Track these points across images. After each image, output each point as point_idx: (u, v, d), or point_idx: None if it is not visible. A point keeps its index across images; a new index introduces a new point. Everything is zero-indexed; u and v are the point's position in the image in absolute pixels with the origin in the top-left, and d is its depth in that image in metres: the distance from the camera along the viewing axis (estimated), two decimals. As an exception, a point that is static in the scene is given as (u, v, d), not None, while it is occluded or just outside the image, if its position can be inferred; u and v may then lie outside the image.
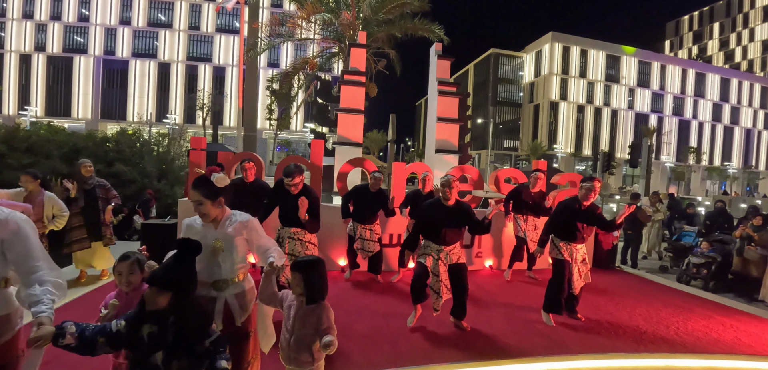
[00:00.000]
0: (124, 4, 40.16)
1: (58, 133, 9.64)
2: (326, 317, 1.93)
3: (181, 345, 1.51)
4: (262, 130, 37.53)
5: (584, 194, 3.94)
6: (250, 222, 2.19)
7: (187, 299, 1.55)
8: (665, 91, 54.61)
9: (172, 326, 1.51)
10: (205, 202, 2.02)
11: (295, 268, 1.96)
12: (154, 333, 1.50)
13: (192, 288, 1.60)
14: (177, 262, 1.60)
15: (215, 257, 2.07)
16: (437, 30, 13.02)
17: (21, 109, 37.22)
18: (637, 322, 4.20)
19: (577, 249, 4.04)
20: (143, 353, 1.50)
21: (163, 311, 1.51)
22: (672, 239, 7.98)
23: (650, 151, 21.32)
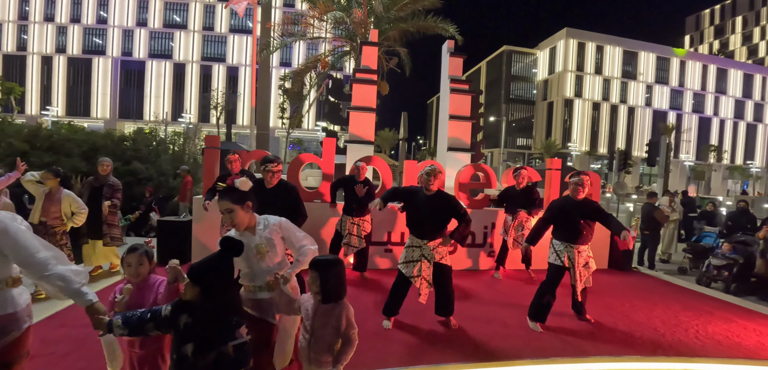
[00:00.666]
0: (141, 5, 41.03)
1: (78, 133, 9.91)
2: (346, 316, 1.93)
3: (208, 341, 1.55)
4: (274, 129, 37.96)
5: (573, 189, 3.74)
6: (282, 222, 2.26)
7: (216, 297, 1.59)
8: (685, 87, 53.10)
9: (201, 321, 1.56)
10: (235, 208, 2.08)
11: (313, 266, 1.97)
12: (189, 324, 1.57)
13: (221, 287, 1.61)
14: (213, 259, 1.64)
15: (261, 262, 2.14)
16: (450, 28, 12.93)
17: (43, 109, 38.43)
18: (654, 324, 4.10)
19: (580, 252, 3.77)
20: (178, 341, 1.58)
21: (197, 305, 1.57)
22: (691, 240, 7.76)
23: (669, 150, 20.78)
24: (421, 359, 3.14)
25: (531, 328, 3.82)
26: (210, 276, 1.59)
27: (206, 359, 1.54)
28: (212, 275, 1.59)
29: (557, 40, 51.08)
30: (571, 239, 3.78)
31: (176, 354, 1.58)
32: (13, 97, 25.94)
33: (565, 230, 3.80)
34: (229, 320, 1.61)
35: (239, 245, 1.68)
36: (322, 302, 1.94)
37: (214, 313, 1.58)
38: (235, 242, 1.67)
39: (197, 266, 1.60)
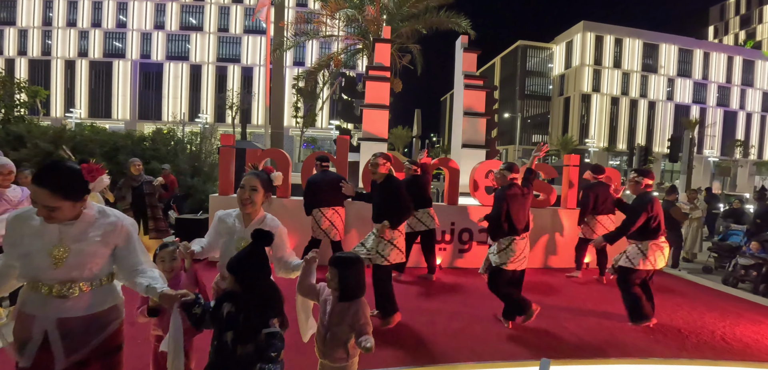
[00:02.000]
0: (158, 8, 41.96)
1: (100, 133, 10.21)
2: (363, 314, 1.93)
3: (247, 330, 1.60)
4: (288, 128, 38.29)
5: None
6: (279, 228, 2.22)
7: (255, 286, 1.65)
8: (709, 80, 51.22)
9: (243, 309, 1.62)
10: (260, 190, 2.15)
11: (333, 263, 1.98)
12: (231, 313, 1.63)
13: (257, 276, 1.66)
14: (247, 250, 1.70)
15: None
16: (463, 23, 12.79)
17: (67, 111, 39.78)
18: (678, 326, 3.96)
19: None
20: (219, 329, 1.64)
21: (239, 294, 1.64)
22: (717, 239, 7.48)
23: (692, 145, 20.09)
24: (447, 358, 3.11)
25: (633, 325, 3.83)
26: (244, 266, 1.65)
27: (245, 347, 1.59)
28: (246, 266, 1.65)
29: (574, 34, 49.95)
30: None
31: (217, 341, 1.64)
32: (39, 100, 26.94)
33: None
34: (266, 309, 1.65)
35: (269, 235, 1.71)
36: (340, 300, 1.95)
37: (254, 302, 1.63)
38: (265, 233, 1.70)
39: (234, 259, 1.69)
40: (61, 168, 1.49)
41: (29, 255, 1.50)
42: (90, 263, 1.56)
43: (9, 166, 3.35)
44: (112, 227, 1.62)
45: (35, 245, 1.50)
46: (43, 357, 1.51)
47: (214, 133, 12.31)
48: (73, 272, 1.52)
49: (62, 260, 1.50)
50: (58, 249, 1.50)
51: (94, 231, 1.57)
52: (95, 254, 1.57)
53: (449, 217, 5.77)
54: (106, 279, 1.66)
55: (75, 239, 1.53)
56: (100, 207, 1.66)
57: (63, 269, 1.50)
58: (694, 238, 8.05)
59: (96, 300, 1.60)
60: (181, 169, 9.78)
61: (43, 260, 1.49)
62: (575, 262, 5.59)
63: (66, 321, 1.53)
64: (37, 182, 1.43)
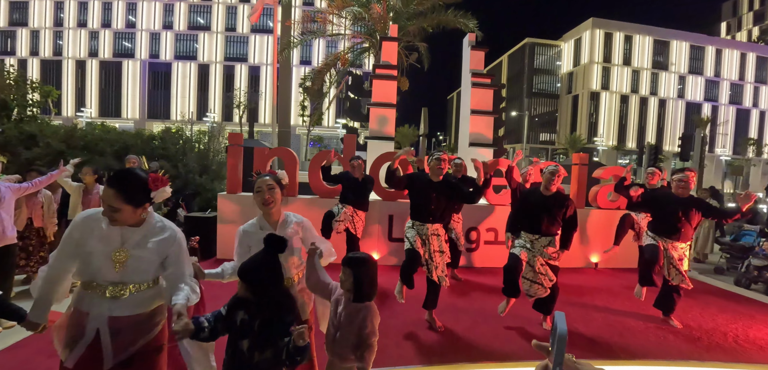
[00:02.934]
0: (167, 9, 42.36)
1: (111, 132, 10.36)
2: (370, 322, 1.91)
3: (264, 337, 1.59)
4: (295, 127, 38.46)
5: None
6: (304, 222, 2.26)
7: (267, 293, 1.63)
8: (721, 77, 50.31)
9: (257, 317, 1.61)
10: (277, 188, 2.14)
11: (347, 263, 1.97)
12: (245, 320, 1.62)
13: (269, 283, 1.65)
14: (259, 256, 1.69)
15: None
16: (470, 21, 12.71)
17: (78, 110, 40.38)
18: (689, 327, 3.90)
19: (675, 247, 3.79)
20: (234, 337, 1.63)
21: (252, 302, 1.63)
22: (730, 239, 7.35)
23: (703, 144, 19.74)
24: (456, 357, 3.10)
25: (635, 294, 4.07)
26: (257, 273, 1.64)
27: (263, 354, 1.58)
28: (259, 272, 1.64)
29: (583, 31, 49.39)
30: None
31: (231, 348, 1.63)
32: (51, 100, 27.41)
33: (663, 223, 3.82)
34: (283, 316, 1.64)
35: (283, 242, 1.70)
36: (353, 301, 1.94)
37: (269, 309, 1.62)
38: (279, 239, 1.69)
39: (245, 265, 1.67)
40: (130, 175, 1.62)
41: (92, 255, 1.59)
42: (145, 269, 1.65)
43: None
44: (168, 238, 1.71)
45: (99, 247, 1.59)
46: (89, 356, 1.57)
47: (222, 132, 12.40)
48: (130, 275, 1.62)
49: (122, 263, 1.60)
50: (120, 253, 1.60)
51: (153, 239, 1.67)
52: (150, 261, 1.66)
53: (456, 216, 5.75)
54: (155, 281, 1.74)
55: (136, 245, 1.63)
56: (159, 217, 1.75)
57: (121, 272, 1.60)
58: (705, 238, 7.93)
59: (144, 300, 1.68)
60: (189, 167, 9.87)
61: (104, 262, 1.58)
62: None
63: (117, 320, 1.60)
64: (109, 183, 1.56)
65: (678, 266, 3.77)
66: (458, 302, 4.31)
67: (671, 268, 3.79)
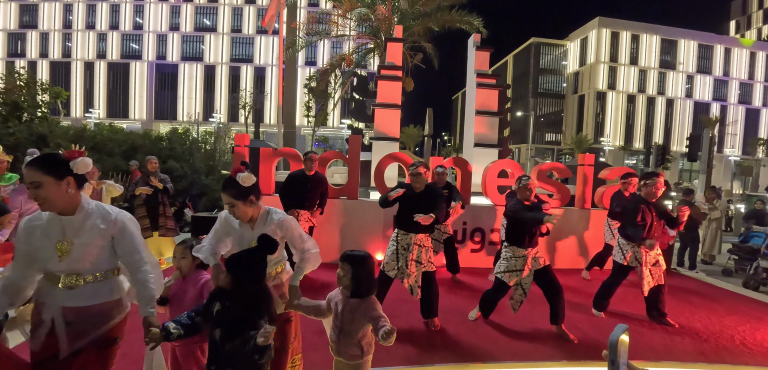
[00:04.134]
0: (174, 11, 42.74)
1: (118, 133, 10.49)
2: (375, 308, 1.95)
3: (234, 328, 1.64)
4: (300, 127, 38.60)
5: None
6: (285, 221, 2.21)
7: (247, 287, 1.67)
8: (730, 77, 49.65)
9: (231, 309, 1.65)
10: (237, 203, 2.06)
11: (345, 259, 1.99)
12: (219, 310, 1.67)
13: (251, 278, 1.69)
14: (248, 251, 1.73)
15: None
16: (475, 21, 12.69)
17: (86, 111, 40.86)
18: (696, 329, 3.88)
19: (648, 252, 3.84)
20: (210, 326, 1.69)
21: (228, 293, 1.68)
22: (738, 240, 7.27)
23: (712, 144, 19.51)
24: (458, 358, 3.11)
25: (594, 314, 4.09)
26: (242, 266, 1.68)
27: (233, 343, 1.62)
28: (245, 265, 1.68)
29: (589, 30, 49.02)
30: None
31: (209, 338, 1.70)
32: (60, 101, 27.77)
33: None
34: (257, 313, 1.67)
35: (274, 243, 1.74)
36: (351, 297, 1.96)
37: (243, 303, 1.66)
38: (271, 240, 1.73)
39: (232, 256, 1.71)
40: (46, 153, 1.69)
41: (39, 251, 1.66)
42: (92, 255, 1.69)
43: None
44: (107, 219, 1.73)
45: (43, 242, 1.65)
46: (50, 343, 1.64)
47: (228, 133, 12.51)
48: (77, 264, 1.66)
49: (67, 253, 1.64)
50: (63, 243, 1.65)
51: (91, 222, 1.69)
52: (96, 246, 1.69)
53: (461, 217, 5.75)
54: (111, 273, 1.77)
55: (76, 232, 1.66)
56: (98, 204, 1.77)
57: (67, 261, 1.64)
58: (712, 239, 7.85)
59: (99, 292, 1.71)
60: (196, 167, 9.98)
61: (50, 254, 1.64)
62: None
63: (70, 310, 1.65)
64: (26, 165, 1.62)
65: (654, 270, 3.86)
66: (461, 304, 4.31)
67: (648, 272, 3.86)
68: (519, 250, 3.55)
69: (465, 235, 5.85)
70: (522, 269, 3.55)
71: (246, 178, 2.07)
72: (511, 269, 3.57)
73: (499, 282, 3.67)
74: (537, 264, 3.56)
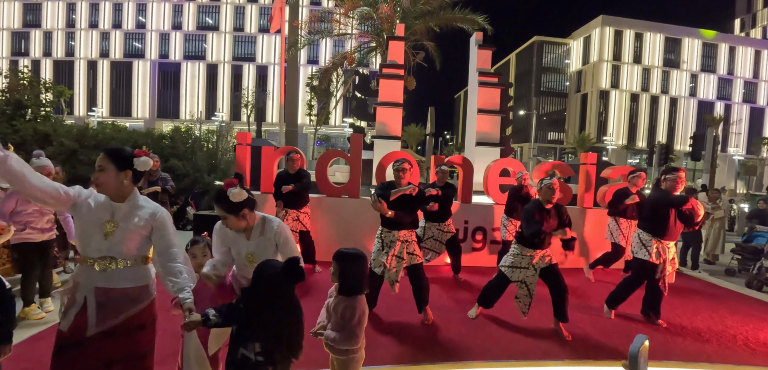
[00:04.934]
0: (176, 9, 42.84)
1: (121, 132, 10.52)
2: (353, 314, 1.96)
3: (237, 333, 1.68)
4: (302, 126, 38.66)
5: (671, 184, 3.80)
6: (279, 229, 2.21)
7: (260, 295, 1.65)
8: (734, 75, 49.36)
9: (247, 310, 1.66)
10: (229, 216, 2.10)
11: (335, 258, 2.03)
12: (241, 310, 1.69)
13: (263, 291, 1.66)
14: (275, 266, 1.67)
15: (250, 266, 2.12)
16: (479, 19, 12.65)
17: (89, 110, 41.06)
18: (698, 329, 3.86)
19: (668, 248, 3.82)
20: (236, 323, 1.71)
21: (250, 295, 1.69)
22: (741, 240, 7.24)
23: (716, 143, 19.44)
24: (456, 356, 3.12)
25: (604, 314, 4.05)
26: (262, 276, 1.65)
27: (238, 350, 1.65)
28: (264, 278, 1.65)
29: (592, 29, 48.83)
30: (660, 233, 3.78)
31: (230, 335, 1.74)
32: (63, 100, 27.86)
33: (657, 224, 3.81)
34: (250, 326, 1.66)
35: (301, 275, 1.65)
36: (339, 293, 2.01)
37: (248, 309, 1.66)
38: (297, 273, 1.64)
39: (263, 264, 1.70)
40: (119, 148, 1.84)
41: (85, 226, 1.78)
42: (131, 241, 1.81)
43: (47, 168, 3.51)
44: (151, 212, 1.88)
45: (92, 217, 1.78)
46: (79, 325, 1.73)
47: (230, 131, 12.53)
48: (117, 247, 1.78)
49: (110, 235, 1.76)
50: (109, 224, 1.77)
51: (138, 213, 1.84)
52: (137, 233, 1.82)
53: (463, 215, 5.75)
54: (142, 260, 1.87)
55: (123, 217, 1.80)
56: (144, 198, 1.91)
57: (110, 242, 1.76)
58: (715, 239, 7.81)
59: (131, 276, 1.82)
60: (198, 166, 10.00)
61: (95, 232, 1.76)
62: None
63: (103, 292, 1.76)
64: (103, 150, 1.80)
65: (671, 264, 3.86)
66: (462, 303, 4.31)
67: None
68: (527, 249, 3.55)
69: (467, 234, 5.84)
70: (527, 266, 3.55)
71: (237, 194, 2.04)
72: (516, 266, 3.59)
73: (501, 275, 3.69)
74: (543, 263, 3.55)
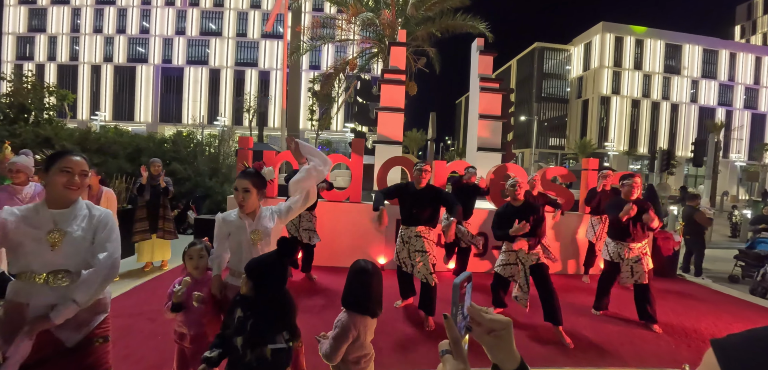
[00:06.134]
0: (180, 15, 43.16)
1: (124, 136, 10.57)
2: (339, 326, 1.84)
3: (254, 337, 1.59)
4: (303, 131, 38.77)
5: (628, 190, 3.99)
6: (281, 206, 2.26)
7: (266, 293, 1.63)
8: (735, 81, 49.38)
9: (251, 316, 1.61)
10: (253, 190, 2.12)
11: (352, 266, 1.96)
12: (241, 318, 1.63)
13: (271, 284, 1.65)
14: (267, 256, 1.69)
15: (255, 245, 2.13)
16: (480, 25, 12.69)
17: (92, 114, 41.27)
18: (702, 335, 3.83)
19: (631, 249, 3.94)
20: (231, 333, 1.64)
21: (250, 300, 1.64)
22: (745, 247, 7.20)
23: (717, 149, 19.38)
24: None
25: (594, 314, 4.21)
26: (263, 273, 1.65)
27: (254, 352, 1.58)
28: (264, 271, 1.65)
29: (592, 35, 48.98)
30: (621, 237, 3.98)
31: (228, 346, 1.66)
32: (67, 104, 28.04)
33: (618, 228, 3.99)
34: (275, 320, 1.63)
35: (293, 248, 1.69)
36: (342, 303, 1.89)
37: (263, 310, 1.62)
38: (289, 246, 1.67)
39: (252, 262, 1.68)
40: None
41: (23, 242, 1.57)
42: (80, 249, 1.63)
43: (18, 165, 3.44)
44: (98, 217, 1.71)
45: (32, 232, 1.57)
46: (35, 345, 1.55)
47: (232, 136, 12.57)
48: (67, 258, 1.59)
49: (57, 245, 1.58)
50: (55, 234, 1.59)
51: (81, 219, 1.67)
52: (84, 239, 1.64)
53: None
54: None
55: (67, 224, 1.62)
56: (87, 202, 1.74)
57: (57, 253, 1.57)
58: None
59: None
60: (200, 170, 10.02)
61: (40, 247, 1.56)
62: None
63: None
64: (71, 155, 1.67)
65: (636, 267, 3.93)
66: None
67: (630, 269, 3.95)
68: (510, 245, 3.73)
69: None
70: (515, 263, 3.72)
71: (270, 173, 2.21)
72: (505, 263, 3.78)
73: (496, 275, 3.91)
74: (530, 260, 3.65)
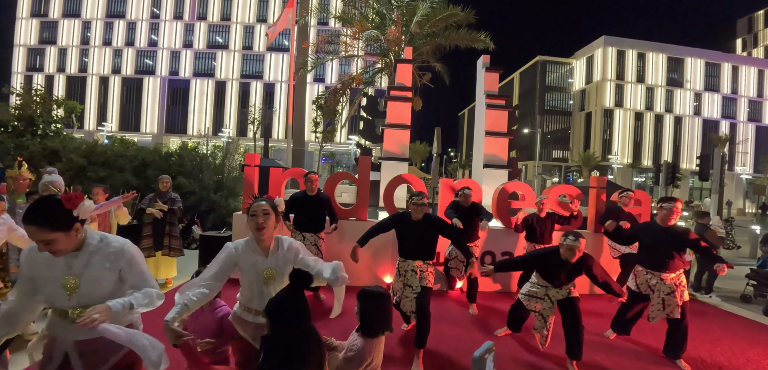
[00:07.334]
0: (187, 28, 43.82)
1: (130, 148, 10.59)
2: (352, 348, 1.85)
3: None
4: (308, 143, 38.92)
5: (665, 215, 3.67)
6: (294, 245, 2.14)
7: (284, 329, 1.55)
8: (738, 94, 49.31)
9: (279, 355, 1.53)
10: (272, 214, 2.06)
11: (358, 295, 1.96)
12: (263, 359, 1.55)
13: (288, 320, 1.57)
14: (283, 293, 1.62)
15: (267, 286, 2.04)
16: (484, 38, 12.79)
17: (99, 125, 41.72)
18: (718, 362, 3.73)
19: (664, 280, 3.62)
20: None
21: (275, 339, 1.56)
22: (757, 265, 7.07)
23: (723, 162, 19.23)
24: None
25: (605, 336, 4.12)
26: (283, 310, 1.58)
27: None
28: (285, 309, 1.58)
29: (594, 49, 49.22)
30: (654, 266, 3.66)
31: None
32: (74, 115, 28.39)
33: (650, 256, 3.68)
34: (302, 359, 1.55)
35: (308, 278, 1.62)
36: (357, 330, 1.93)
37: (286, 348, 1.54)
38: (303, 275, 1.61)
39: (272, 303, 1.60)
40: (44, 204, 1.53)
41: (44, 284, 1.61)
42: (102, 287, 1.64)
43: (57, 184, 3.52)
44: (115, 252, 1.68)
45: (47, 274, 1.60)
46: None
47: (237, 148, 12.62)
48: (88, 299, 1.60)
49: (74, 290, 1.59)
50: (69, 279, 1.59)
51: (99, 257, 1.65)
52: (105, 279, 1.65)
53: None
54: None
55: (83, 268, 1.62)
56: (101, 235, 1.71)
57: (77, 297, 1.60)
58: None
59: (111, 321, 1.61)
60: (205, 184, 10.02)
61: (56, 289, 1.59)
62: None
63: (83, 343, 1.64)
64: (25, 221, 1.48)
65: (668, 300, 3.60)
66: (469, 329, 4.21)
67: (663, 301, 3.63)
68: (542, 280, 3.55)
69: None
70: (543, 298, 3.52)
71: (279, 202, 2.13)
72: (532, 295, 3.60)
73: (518, 302, 3.75)
74: (560, 295, 3.45)
